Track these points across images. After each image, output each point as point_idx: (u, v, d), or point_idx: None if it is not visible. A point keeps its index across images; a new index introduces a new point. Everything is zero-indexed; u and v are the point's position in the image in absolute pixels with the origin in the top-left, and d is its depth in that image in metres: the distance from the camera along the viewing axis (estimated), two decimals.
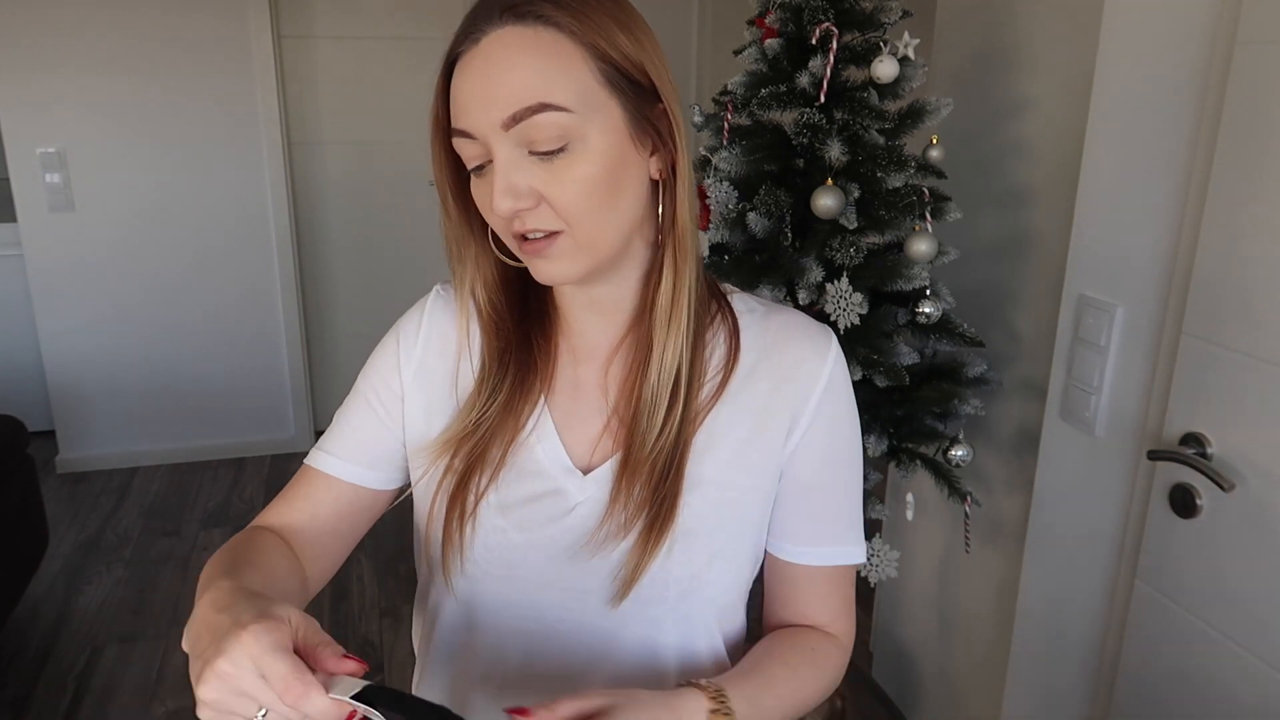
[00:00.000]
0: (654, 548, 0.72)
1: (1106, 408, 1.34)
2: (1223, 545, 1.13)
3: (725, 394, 0.76)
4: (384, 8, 3.50)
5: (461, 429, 0.76)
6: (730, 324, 0.78)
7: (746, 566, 0.79)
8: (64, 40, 3.10)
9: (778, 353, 0.77)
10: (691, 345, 0.74)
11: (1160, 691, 1.25)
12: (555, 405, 0.78)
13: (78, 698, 2.25)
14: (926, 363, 1.60)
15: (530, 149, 0.65)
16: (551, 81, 0.65)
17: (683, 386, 0.73)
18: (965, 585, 1.90)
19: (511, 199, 0.66)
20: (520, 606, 0.77)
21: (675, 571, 0.74)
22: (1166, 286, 1.23)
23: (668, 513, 0.72)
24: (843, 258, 1.46)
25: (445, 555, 0.77)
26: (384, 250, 3.70)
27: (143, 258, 3.37)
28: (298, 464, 0.84)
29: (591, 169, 0.66)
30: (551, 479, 0.76)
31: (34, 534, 2.52)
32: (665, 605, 0.75)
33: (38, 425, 3.55)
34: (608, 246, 0.70)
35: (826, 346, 0.78)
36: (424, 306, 0.83)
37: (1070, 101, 1.48)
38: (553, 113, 0.64)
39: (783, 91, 1.49)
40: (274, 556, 0.74)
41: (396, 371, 0.81)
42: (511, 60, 0.65)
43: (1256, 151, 1.05)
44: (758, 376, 0.77)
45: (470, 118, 0.66)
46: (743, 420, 0.76)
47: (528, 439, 0.76)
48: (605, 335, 0.78)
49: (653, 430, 0.73)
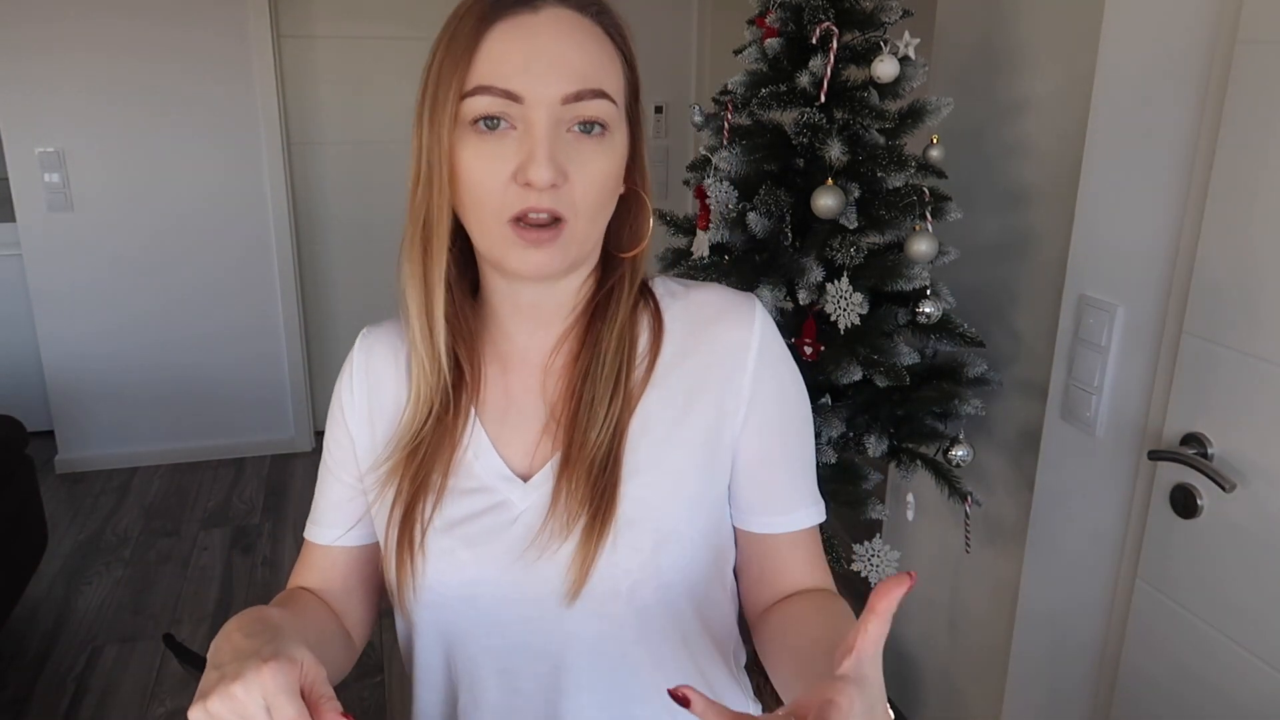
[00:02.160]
0: (599, 542, 0.71)
1: (1107, 408, 1.34)
2: (1223, 545, 1.13)
3: (653, 378, 0.76)
4: (384, 8, 3.50)
5: (402, 448, 0.76)
6: (652, 308, 0.78)
7: (702, 547, 0.77)
8: (63, 40, 3.10)
9: (702, 329, 0.77)
10: (629, 338, 0.76)
11: (1161, 691, 1.25)
12: (487, 417, 0.77)
13: (78, 698, 2.25)
14: (926, 363, 1.60)
15: (572, 127, 0.66)
16: (607, 72, 0.67)
17: (623, 379, 0.74)
18: (965, 585, 1.90)
19: (552, 170, 0.64)
20: (483, 625, 0.76)
21: (624, 563, 0.72)
22: (1167, 286, 1.23)
23: (608, 505, 0.71)
24: (843, 258, 1.46)
25: (400, 585, 0.76)
26: (384, 250, 3.69)
27: (142, 258, 3.36)
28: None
29: (611, 164, 0.69)
30: (494, 493, 0.75)
31: (33, 534, 2.51)
32: (620, 599, 0.73)
33: (37, 425, 3.54)
34: (590, 245, 0.72)
35: (750, 315, 0.77)
36: (351, 358, 0.84)
37: (1070, 101, 1.48)
38: (607, 101, 0.67)
39: (783, 91, 1.49)
40: (318, 605, 0.81)
41: (345, 429, 0.82)
42: (577, 40, 0.66)
43: (1257, 151, 1.05)
44: (685, 356, 0.76)
45: (526, 81, 0.64)
46: (673, 400, 0.75)
47: (464, 456, 0.76)
48: (537, 340, 0.77)
49: (594, 426, 0.72)
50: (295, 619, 0.72)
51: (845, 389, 1.58)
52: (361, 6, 3.48)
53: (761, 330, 0.77)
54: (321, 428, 3.77)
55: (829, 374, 1.48)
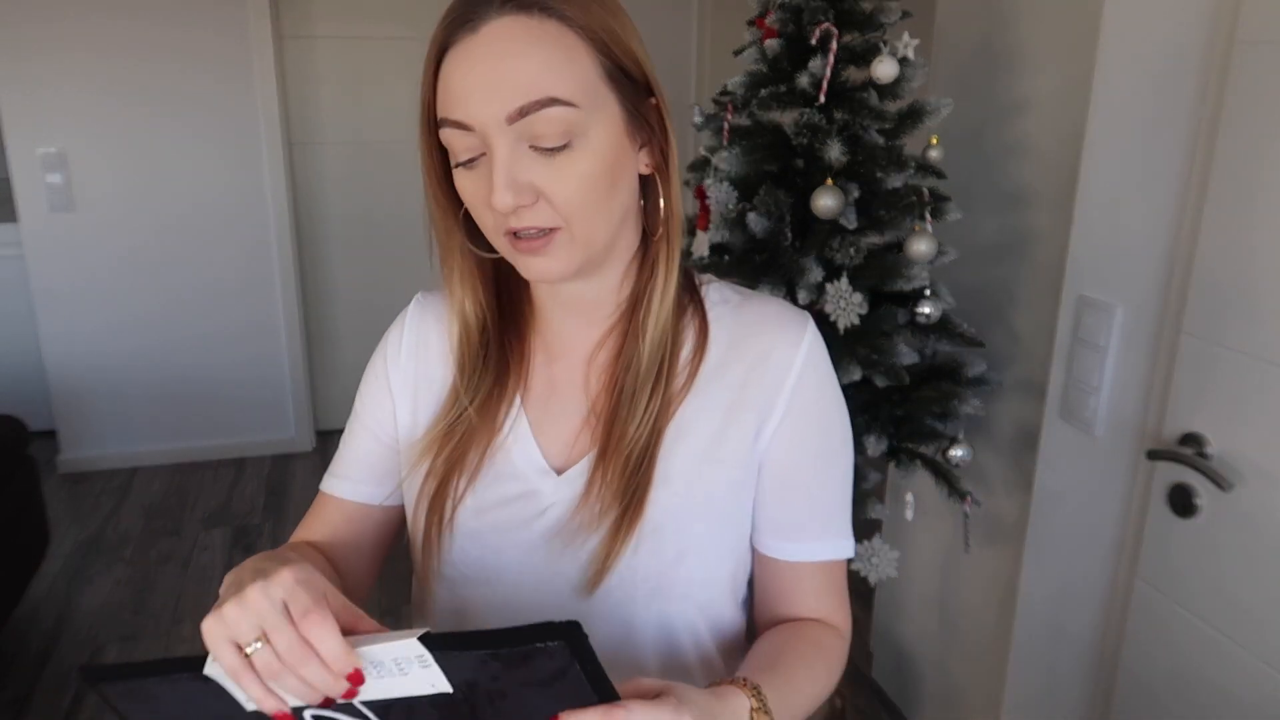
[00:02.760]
0: (622, 543, 0.71)
1: (1106, 407, 1.34)
2: (1222, 545, 1.13)
3: (694, 386, 0.74)
4: (384, 8, 3.50)
5: (439, 432, 0.77)
6: (699, 314, 0.77)
7: (725, 563, 0.77)
8: (65, 40, 3.10)
9: (748, 342, 0.75)
10: (672, 336, 0.74)
11: (1160, 691, 1.25)
12: (531, 406, 0.77)
13: (78, 698, 2.25)
14: (926, 363, 1.60)
15: (533, 144, 0.64)
16: (558, 74, 0.63)
17: (664, 377, 0.73)
18: (965, 585, 1.90)
19: (513, 194, 0.63)
20: (499, 608, 0.77)
21: (643, 569, 0.72)
22: (1166, 286, 1.23)
23: (636, 508, 0.71)
24: (843, 258, 1.46)
25: (425, 559, 0.77)
26: (384, 250, 3.70)
27: (143, 258, 3.37)
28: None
29: (592, 165, 0.65)
30: (526, 481, 0.75)
31: (34, 534, 2.52)
32: (636, 604, 0.74)
33: (38, 425, 3.54)
34: (601, 243, 0.69)
35: (800, 332, 0.75)
36: (404, 318, 0.84)
37: (1070, 101, 1.48)
38: (560, 107, 0.63)
39: (783, 92, 1.49)
40: (317, 560, 0.77)
41: (386, 387, 0.82)
42: (516, 50, 0.62)
43: (1256, 151, 1.05)
44: (728, 367, 0.75)
45: (469, 109, 0.63)
46: (712, 413, 0.74)
47: (504, 441, 0.76)
48: (583, 333, 0.77)
49: (632, 421, 0.72)
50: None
51: (845, 389, 1.58)
52: (361, 6, 3.48)
53: (809, 350, 0.75)
54: (322, 427, 3.81)
55: None
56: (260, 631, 0.53)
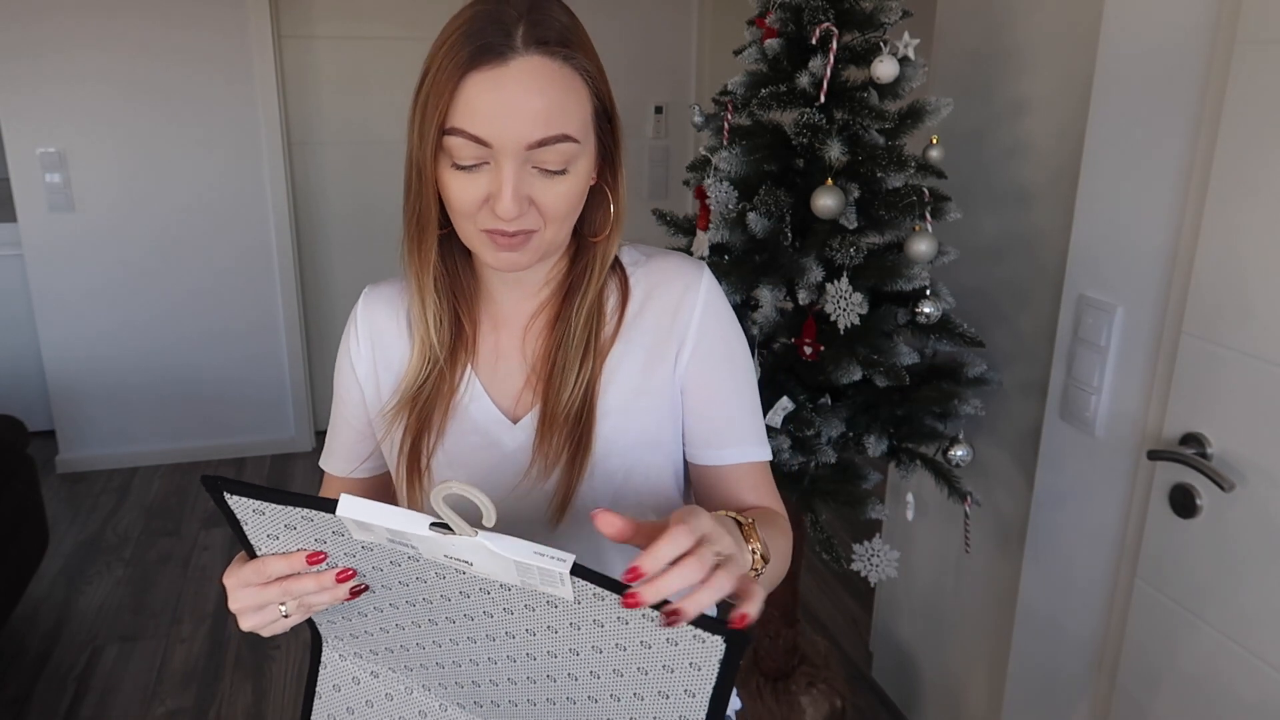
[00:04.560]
0: (577, 476, 0.84)
1: (1106, 408, 1.34)
2: (1223, 545, 1.13)
3: (620, 334, 0.87)
4: (384, 8, 3.50)
5: (407, 392, 0.88)
6: (620, 275, 0.90)
7: (665, 472, 0.89)
8: (64, 40, 3.10)
9: (658, 291, 0.88)
10: (598, 302, 0.87)
11: (1160, 691, 1.25)
12: (480, 368, 0.89)
13: (78, 698, 2.25)
14: (926, 363, 1.60)
15: (537, 165, 0.75)
16: (570, 114, 0.74)
17: (592, 340, 0.85)
18: (965, 585, 1.90)
19: (518, 205, 0.74)
20: None
21: (599, 490, 0.85)
22: (1166, 286, 1.23)
23: (585, 445, 0.84)
24: (843, 258, 1.46)
25: (409, 505, 0.88)
26: (384, 250, 3.70)
27: (142, 257, 3.36)
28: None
29: (576, 186, 0.78)
30: (487, 432, 0.87)
31: (34, 534, 2.52)
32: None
33: (38, 425, 3.55)
34: (561, 242, 0.82)
35: (698, 277, 0.89)
36: (356, 312, 0.95)
37: (1070, 101, 1.48)
38: (568, 143, 0.74)
39: (783, 91, 1.49)
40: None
41: (354, 378, 0.94)
42: (541, 89, 0.73)
43: (1256, 151, 1.05)
44: (646, 314, 0.88)
45: (493, 130, 0.72)
46: (637, 354, 0.87)
47: (463, 400, 0.88)
48: (521, 306, 0.89)
49: (566, 388, 0.84)
50: None
51: (845, 389, 1.59)
52: (361, 6, 3.48)
53: (706, 290, 0.89)
54: (322, 427, 3.81)
55: (829, 374, 1.48)
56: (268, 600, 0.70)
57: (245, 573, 0.69)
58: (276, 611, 0.71)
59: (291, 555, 0.69)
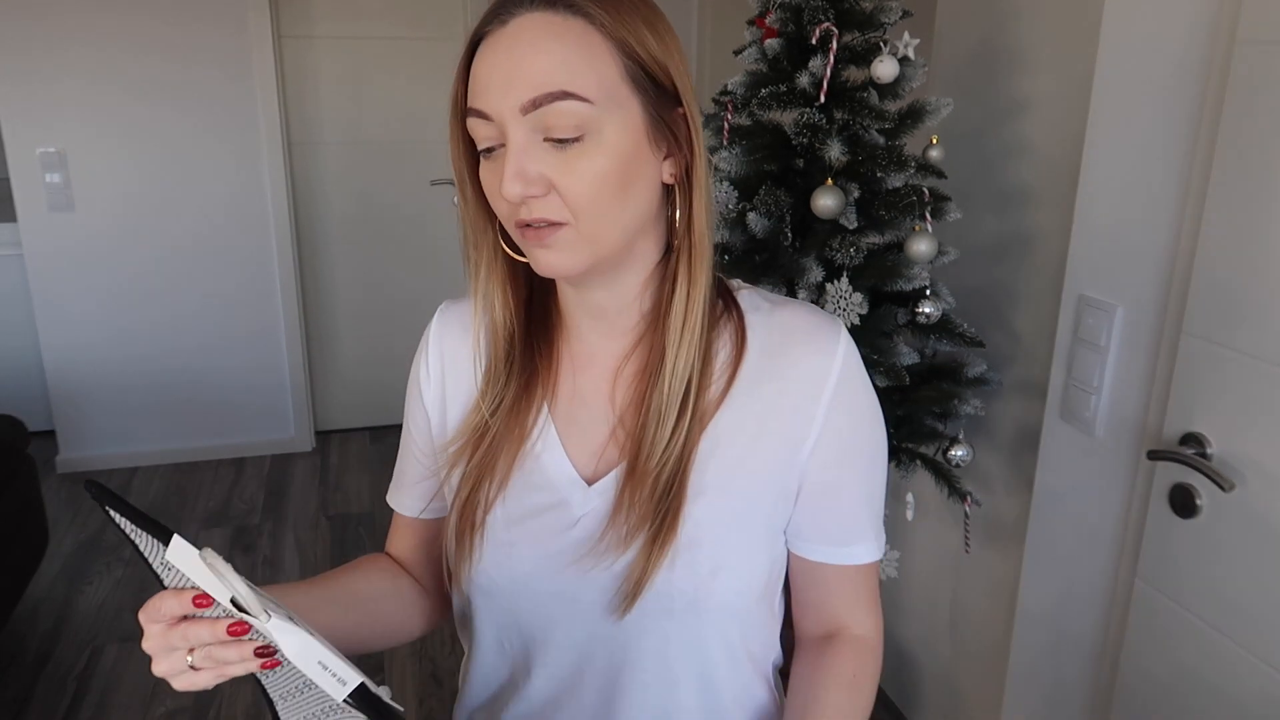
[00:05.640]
0: (656, 560, 0.71)
1: (1106, 408, 1.34)
2: (1222, 545, 1.13)
3: (730, 397, 0.74)
4: (384, 8, 3.50)
5: (466, 437, 0.77)
6: (736, 323, 0.76)
7: (759, 574, 0.76)
8: (64, 39, 3.10)
9: (783, 352, 0.75)
10: (702, 352, 0.73)
11: (1160, 690, 1.25)
12: (558, 414, 0.77)
13: (78, 698, 2.25)
14: (926, 363, 1.60)
15: (546, 135, 0.65)
16: (575, 71, 0.64)
17: (692, 395, 0.72)
18: (965, 585, 1.90)
19: (521, 183, 0.65)
20: (535, 618, 0.78)
21: (679, 584, 0.72)
22: (1166, 286, 1.23)
23: (670, 524, 0.71)
24: (843, 258, 1.46)
25: (458, 567, 0.78)
26: (384, 250, 3.70)
27: (143, 258, 3.36)
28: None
29: (604, 163, 0.66)
30: (556, 491, 0.75)
31: (34, 534, 2.52)
32: (672, 618, 0.74)
33: (38, 425, 3.55)
34: (611, 243, 0.69)
35: (834, 340, 0.75)
36: (428, 333, 0.84)
37: (1070, 101, 1.48)
38: (573, 101, 0.64)
39: (783, 91, 1.49)
40: (371, 571, 0.85)
41: (421, 404, 0.83)
42: (538, 45, 0.64)
43: (1256, 151, 1.05)
44: (763, 378, 0.74)
45: (489, 98, 0.65)
46: (747, 425, 0.74)
47: (533, 448, 0.76)
48: (608, 343, 0.77)
49: (660, 441, 0.71)
50: (274, 589, 0.72)
51: None
52: (361, 6, 3.48)
53: (844, 358, 0.75)
54: (322, 428, 3.81)
55: None
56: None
57: (149, 607, 0.60)
58: (183, 660, 0.60)
59: (183, 593, 0.59)
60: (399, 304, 3.75)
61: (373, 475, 3.48)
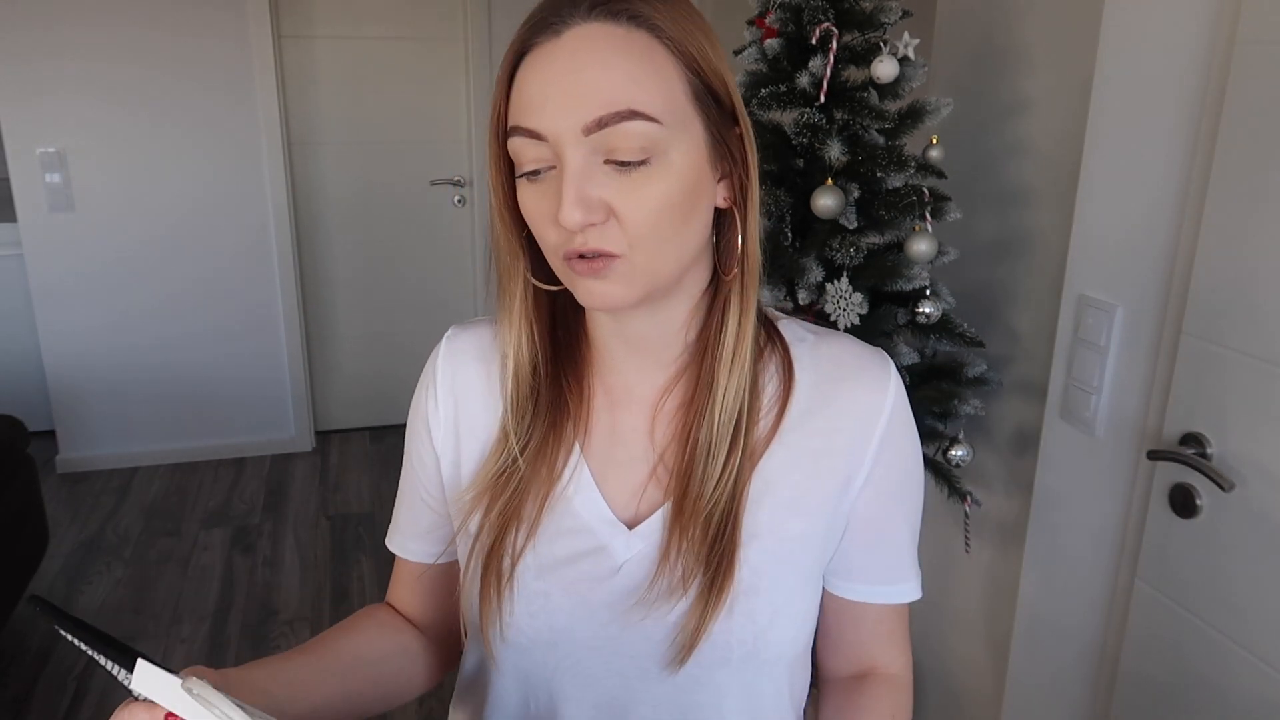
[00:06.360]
0: (714, 608, 0.66)
1: (1106, 408, 1.34)
2: (1223, 545, 1.13)
3: (780, 433, 0.70)
4: (384, 8, 3.50)
5: (489, 480, 0.71)
6: (782, 355, 0.72)
7: (809, 618, 0.73)
8: (64, 40, 3.10)
9: (834, 386, 0.71)
10: (751, 384, 0.68)
11: (1160, 691, 1.25)
12: (592, 453, 0.71)
13: (78, 698, 2.25)
14: (926, 363, 1.60)
15: (608, 157, 0.59)
16: (643, 88, 0.59)
17: (743, 429, 0.67)
18: (965, 585, 1.90)
19: (583, 210, 0.59)
20: (571, 674, 0.71)
21: (738, 633, 0.67)
22: (1166, 286, 1.23)
23: (726, 570, 0.66)
24: (843, 258, 1.46)
25: (484, 621, 0.71)
26: (384, 250, 3.70)
27: (143, 258, 3.37)
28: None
29: (669, 188, 0.61)
30: (593, 535, 0.70)
31: (34, 534, 2.52)
32: (729, 668, 0.69)
33: (38, 425, 3.54)
34: (666, 275, 0.64)
35: (886, 375, 0.72)
36: (435, 360, 0.76)
37: (1070, 101, 1.48)
38: (642, 122, 0.58)
39: (783, 91, 1.49)
40: (367, 629, 0.79)
41: (429, 445, 0.76)
42: (601, 59, 0.58)
43: (1257, 151, 1.05)
44: (814, 413, 0.70)
45: (544, 117, 0.59)
46: (801, 462, 0.70)
47: (565, 492, 0.70)
48: (648, 377, 0.72)
49: (710, 478, 0.66)
50: (269, 666, 0.67)
51: None
52: (361, 6, 3.48)
53: (894, 396, 0.72)
54: (322, 428, 3.81)
55: None
56: None
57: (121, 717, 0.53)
58: None
59: (155, 710, 0.52)
60: (399, 304, 3.76)
61: (373, 475, 3.49)
